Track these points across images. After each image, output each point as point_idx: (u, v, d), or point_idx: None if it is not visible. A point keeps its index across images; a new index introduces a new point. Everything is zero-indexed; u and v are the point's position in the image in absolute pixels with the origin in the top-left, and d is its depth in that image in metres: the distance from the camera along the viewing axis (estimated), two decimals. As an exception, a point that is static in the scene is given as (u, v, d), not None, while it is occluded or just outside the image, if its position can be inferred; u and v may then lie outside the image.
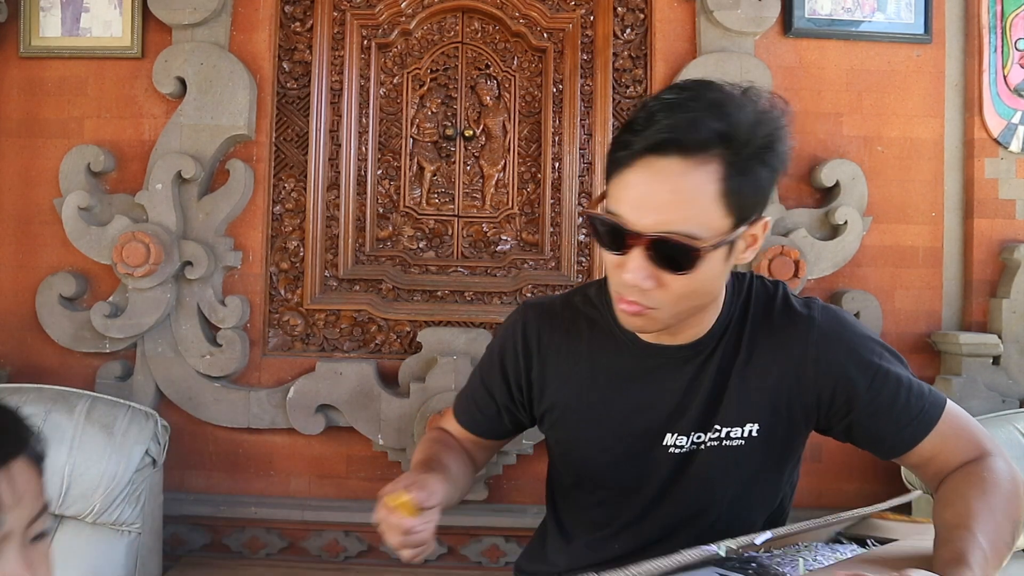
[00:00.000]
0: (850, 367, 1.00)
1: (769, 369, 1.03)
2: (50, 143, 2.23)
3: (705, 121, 0.85)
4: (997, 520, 0.89)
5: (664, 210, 0.87)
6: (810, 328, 1.02)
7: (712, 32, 2.21)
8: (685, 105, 0.87)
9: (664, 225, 0.87)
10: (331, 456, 2.23)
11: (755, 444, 1.04)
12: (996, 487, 0.93)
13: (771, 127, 0.91)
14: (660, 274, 0.90)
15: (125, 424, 1.86)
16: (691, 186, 0.86)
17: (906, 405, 0.99)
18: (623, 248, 0.90)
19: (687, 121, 0.85)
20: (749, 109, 0.89)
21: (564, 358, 1.11)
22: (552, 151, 2.31)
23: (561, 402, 1.12)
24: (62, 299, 2.17)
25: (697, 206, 0.87)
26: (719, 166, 0.86)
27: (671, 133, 0.85)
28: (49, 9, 2.22)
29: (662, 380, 1.06)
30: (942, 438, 0.99)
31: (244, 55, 2.21)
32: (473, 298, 2.29)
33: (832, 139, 2.27)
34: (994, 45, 2.23)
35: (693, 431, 1.05)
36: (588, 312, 1.12)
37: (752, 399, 1.03)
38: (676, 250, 0.87)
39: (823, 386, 1.01)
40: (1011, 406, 2.10)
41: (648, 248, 0.88)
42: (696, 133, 0.85)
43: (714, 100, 0.88)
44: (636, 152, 0.87)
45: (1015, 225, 2.23)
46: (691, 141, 0.85)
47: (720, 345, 1.04)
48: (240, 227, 2.24)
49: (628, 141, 0.89)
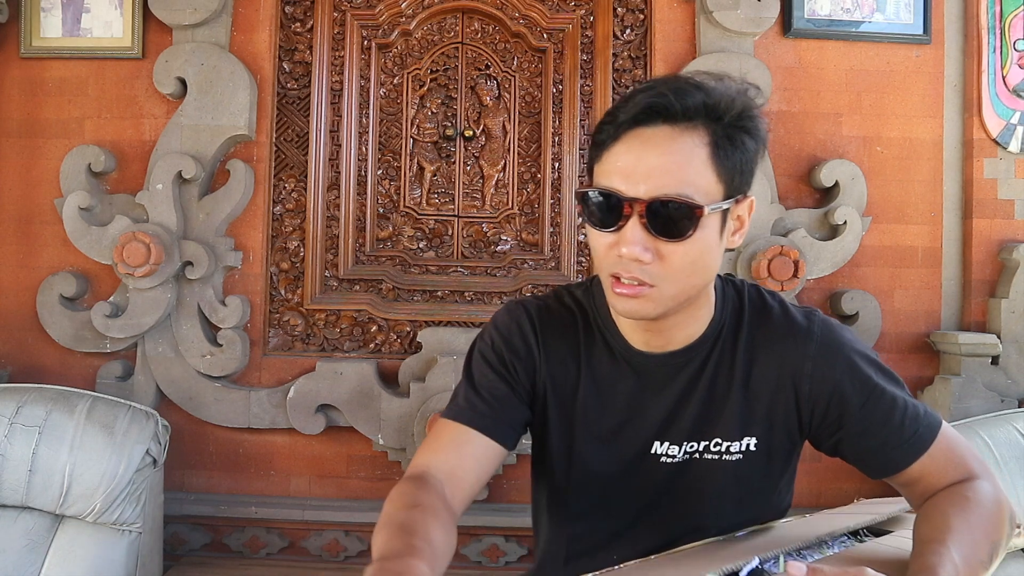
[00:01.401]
0: (845, 383, 0.99)
1: (768, 382, 1.02)
2: (51, 143, 2.23)
3: (688, 91, 0.88)
4: (975, 538, 0.88)
5: (657, 174, 0.87)
6: (808, 341, 1.01)
7: (712, 32, 2.21)
8: (665, 82, 0.90)
9: (659, 189, 0.87)
10: (331, 456, 2.23)
11: (753, 458, 1.03)
12: (978, 506, 0.92)
13: (748, 100, 0.93)
14: (658, 244, 0.89)
15: (126, 424, 1.87)
16: (681, 149, 0.87)
17: (899, 426, 0.98)
18: (618, 221, 0.89)
19: (671, 90, 0.88)
20: (726, 84, 0.92)
21: (559, 358, 1.08)
22: (552, 151, 2.31)
23: (555, 401, 1.09)
24: (63, 299, 2.18)
25: (690, 169, 0.87)
26: (705, 132, 0.88)
27: (657, 99, 0.87)
28: (50, 10, 2.22)
29: (653, 387, 1.04)
30: (932, 460, 0.98)
31: (244, 55, 2.21)
32: (473, 298, 2.29)
33: (831, 139, 2.27)
34: (993, 46, 2.24)
35: (686, 440, 1.03)
36: (580, 314, 1.10)
37: (752, 413, 1.02)
38: (674, 212, 0.87)
39: (817, 400, 1.00)
40: (1010, 406, 2.10)
41: (644, 215, 0.87)
42: (681, 100, 0.87)
43: (695, 80, 0.92)
44: (622, 125, 0.89)
45: (1014, 225, 2.24)
46: (676, 108, 0.87)
47: (714, 352, 1.03)
48: (240, 227, 2.24)
49: (611, 119, 0.91)
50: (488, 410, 1.05)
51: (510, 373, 1.07)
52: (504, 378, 1.07)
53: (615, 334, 1.05)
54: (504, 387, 1.07)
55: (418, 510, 0.90)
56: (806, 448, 1.09)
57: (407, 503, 0.91)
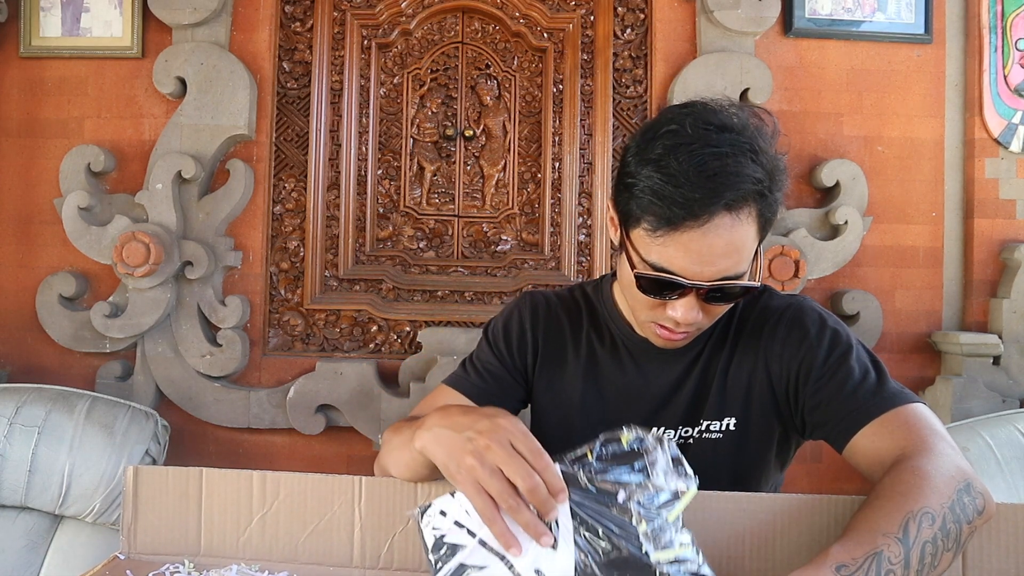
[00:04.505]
0: (808, 359, 1.02)
1: (746, 366, 1.08)
2: (50, 143, 2.23)
3: (744, 179, 0.90)
4: (884, 507, 0.75)
5: (719, 261, 0.92)
6: (779, 324, 1.07)
7: (712, 32, 2.20)
8: (720, 170, 0.89)
9: (720, 274, 0.92)
10: (331, 456, 2.23)
11: (732, 437, 1.08)
12: (904, 474, 0.79)
13: (781, 159, 0.96)
14: (708, 307, 0.97)
15: (125, 424, 1.86)
16: (740, 236, 0.92)
17: (851, 395, 0.95)
18: (674, 294, 0.95)
19: (730, 188, 0.89)
20: (766, 149, 0.94)
21: (558, 344, 1.17)
22: (552, 151, 2.31)
23: (555, 386, 1.17)
24: (62, 299, 2.18)
25: (744, 250, 0.93)
26: (754, 209, 0.92)
27: (722, 203, 0.88)
28: (49, 9, 2.22)
29: (650, 374, 1.12)
30: (888, 430, 0.90)
31: (244, 55, 2.21)
32: (473, 298, 2.29)
33: (832, 139, 2.27)
34: (994, 45, 2.23)
35: (680, 425, 1.10)
36: (587, 307, 1.19)
37: (731, 394, 1.08)
38: (731, 290, 0.95)
39: (789, 379, 1.04)
40: (1011, 406, 2.09)
41: (703, 293, 0.94)
42: (738, 192, 0.89)
43: (736, 153, 0.90)
44: (682, 219, 0.89)
45: (1015, 225, 2.23)
46: (735, 200, 0.90)
47: (708, 343, 1.10)
48: (240, 227, 2.24)
49: (665, 207, 0.89)
50: (480, 382, 1.16)
51: (505, 353, 1.18)
52: (498, 357, 1.18)
53: (619, 324, 1.14)
54: (497, 364, 1.18)
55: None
56: (806, 448, 1.10)
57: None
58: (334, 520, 0.86)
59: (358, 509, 0.86)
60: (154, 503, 0.88)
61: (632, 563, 0.67)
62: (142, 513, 0.88)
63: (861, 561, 0.69)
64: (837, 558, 0.69)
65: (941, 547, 0.73)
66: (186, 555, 0.87)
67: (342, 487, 0.86)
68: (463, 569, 0.71)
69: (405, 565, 0.86)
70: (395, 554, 0.86)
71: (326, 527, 0.86)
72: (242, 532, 0.87)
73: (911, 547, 0.71)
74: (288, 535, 0.86)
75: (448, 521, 0.73)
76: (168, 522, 0.88)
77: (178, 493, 0.87)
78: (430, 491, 0.86)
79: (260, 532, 0.87)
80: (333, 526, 0.86)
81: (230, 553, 0.86)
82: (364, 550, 0.86)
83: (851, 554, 0.69)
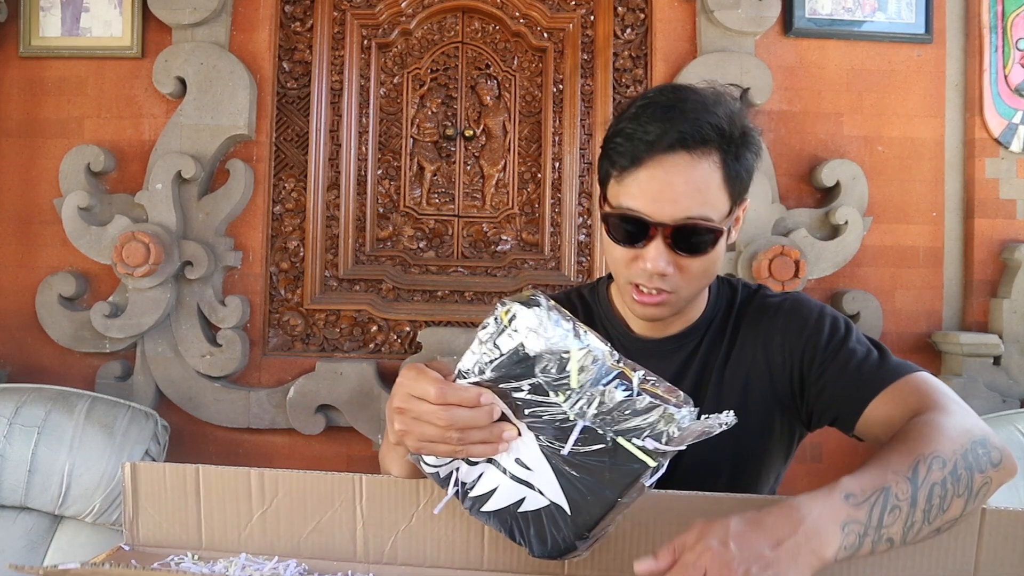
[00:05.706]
0: (808, 347, 1.03)
1: (744, 361, 1.09)
2: (50, 143, 2.23)
3: (702, 119, 0.94)
4: (898, 451, 0.77)
5: (680, 200, 0.94)
6: (777, 317, 1.08)
7: (712, 32, 2.21)
8: (678, 107, 0.95)
9: (683, 212, 0.94)
10: (331, 456, 2.23)
11: (731, 431, 1.07)
12: (919, 426, 0.81)
13: (745, 116, 1.00)
14: (679, 259, 0.97)
15: (125, 424, 1.86)
16: (700, 176, 0.94)
17: (856, 372, 0.97)
18: (642, 240, 0.96)
19: (687, 122, 0.94)
20: (735, 111, 0.99)
21: None
22: (552, 151, 2.31)
23: None
24: (62, 299, 2.17)
25: (708, 193, 0.95)
26: (718, 155, 0.95)
27: (677, 134, 0.93)
28: (49, 9, 2.22)
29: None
30: (900, 397, 0.91)
31: (244, 55, 2.21)
32: (473, 298, 2.29)
33: (832, 139, 2.27)
34: (995, 45, 2.23)
35: None
36: (583, 308, 1.21)
37: (729, 389, 1.09)
38: (696, 234, 0.95)
39: (792, 370, 1.05)
40: (1011, 406, 2.09)
41: (668, 236, 0.95)
42: (698, 130, 0.94)
43: (700, 101, 0.97)
44: (643, 153, 0.95)
45: (1015, 225, 2.23)
46: (693, 138, 0.94)
47: (704, 340, 1.11)
48: (240, 227, 2.24)
49: (627, 143, 0.96)
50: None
51: None
52: None
53: (615, 323, 1.15)
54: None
55: None
56: (805, 448, 1.09)
57: None
58: (336, 517, 0.86)
59: (359, 507, 0.86)
60: (154, 498, 0.88)
61: (572, 426, 0.75)
62: (143, 508, 0.88)
63: (869, 493, 0.72)
64: (847, 487, 0.72)
65: (951, 491, 0.75)
66: (188, 549, 0.87)
67: (342, 485, 0.86)
68: (467, 488, 0.78)
69: (410, 560, 0.86)
70: (399, 550, 0.86)
71: (328, 523, 0.86)
72: (243, 528, 0.87)
73: (919, 486, 0.73)
74: (290, 531, 0.86)
75: (431, 460, 0.79)
76: (169, 517, 0.88)
77: (176, 489, 0.87)
78: (432, 489, 0.86)
79: (262, 528, 0.87)
80: (335, 523, 0.86)
81: (232, 548, 0.87)
82: (368, 546, 0.86)
83: (860, 485, 0.72)
